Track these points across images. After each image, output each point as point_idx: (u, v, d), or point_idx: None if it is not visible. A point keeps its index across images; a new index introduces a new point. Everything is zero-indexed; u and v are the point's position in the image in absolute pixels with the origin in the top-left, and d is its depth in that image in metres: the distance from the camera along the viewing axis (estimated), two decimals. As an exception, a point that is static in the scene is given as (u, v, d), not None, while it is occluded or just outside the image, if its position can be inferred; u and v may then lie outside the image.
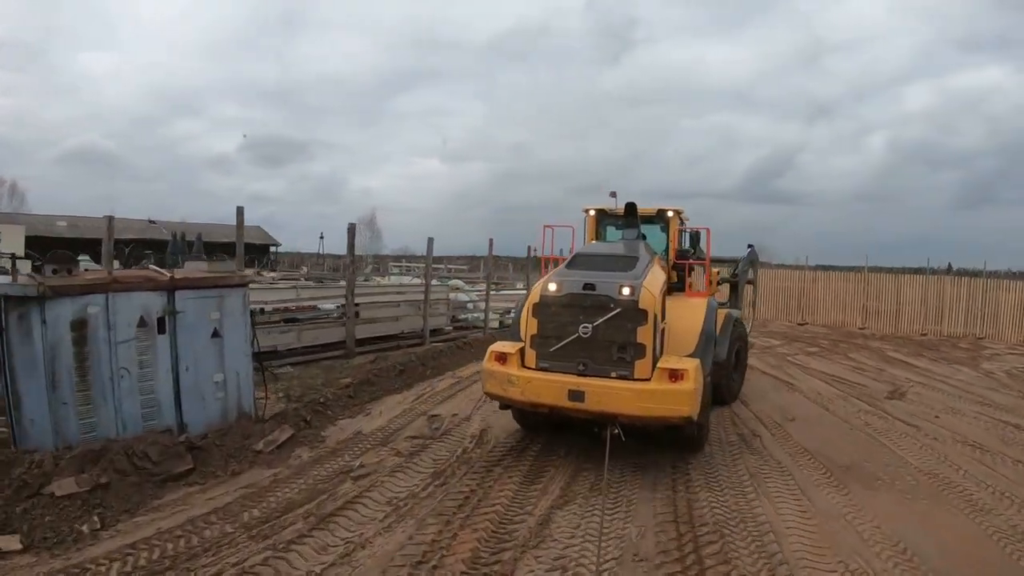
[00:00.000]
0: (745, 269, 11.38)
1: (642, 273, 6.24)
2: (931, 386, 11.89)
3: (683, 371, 5.75)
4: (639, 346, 5.88)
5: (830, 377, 12.19)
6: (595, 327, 5.89)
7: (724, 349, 8.43)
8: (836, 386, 11.38)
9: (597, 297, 5.96)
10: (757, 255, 12.27)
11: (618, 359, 5.92)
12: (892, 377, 12.61)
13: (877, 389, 11.24)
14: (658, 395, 5.71)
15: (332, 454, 6.98)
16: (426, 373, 11.44)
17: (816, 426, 8.49)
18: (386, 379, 10.47)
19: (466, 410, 8.85)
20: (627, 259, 6.59)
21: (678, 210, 8.81)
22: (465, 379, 11.12)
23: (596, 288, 5.99)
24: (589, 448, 6.93)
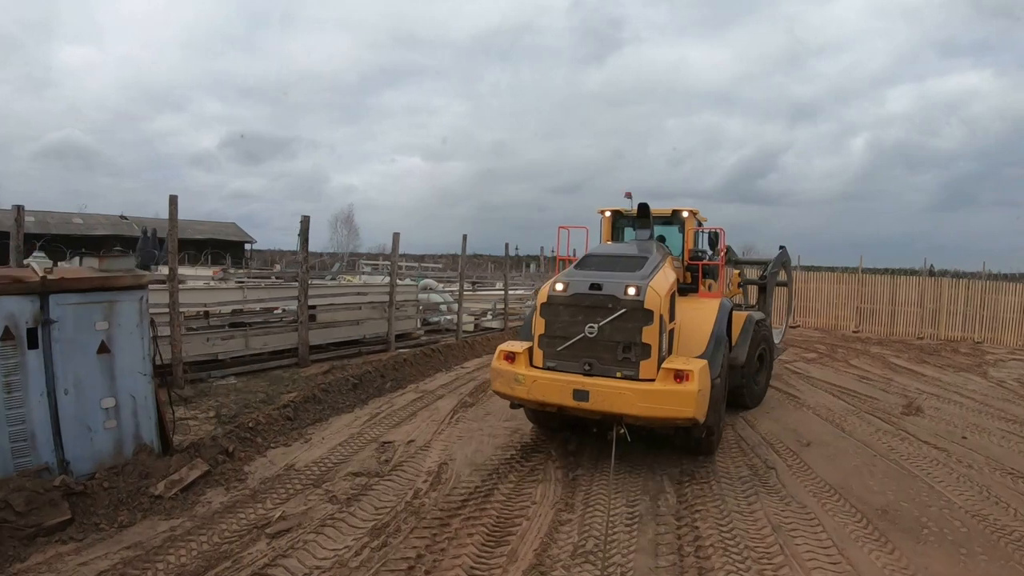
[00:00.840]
0: (775, 271, 11.00)
1: (649, 273, 6.17)
2: (945, 398, 10.76)
3: (688, 372, 5.65)
4: (644, 346, 5.82)
5: (836, 388, 11.01)
6: (601, 327, 5.90)
7: (744, 352, 8.23)
8: (845, 399, 10.19)
9: (603, 297, 5.96)
10: (789, 257, 11.88)
11: (623, 359, 5.87)
12: (902, 388, 11.47)
13: (890, 403, 10.07)
14: (662, 396, 5.62)
15: (251, 498, 5.62)
16: (385, 386, 10.05)
17: (836, 453, 7.25)
18: (336, 394, 9.08)
19: (425, 435, 7.49)
20: (636, 259, 6.53)
21: (693, 211, 8.52)
22: (429, 393, 9.75)
23: (602, 288, 5.99)
24: (571, 487, 5.65)
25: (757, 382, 9.07)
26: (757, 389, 9.13)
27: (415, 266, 29.83)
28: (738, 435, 7.78)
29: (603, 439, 6.77)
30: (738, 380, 8.32)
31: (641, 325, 5.86)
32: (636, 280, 6.03)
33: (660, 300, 5.94)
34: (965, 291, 19.69)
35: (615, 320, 5.90)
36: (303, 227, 11.74)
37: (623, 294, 5.90)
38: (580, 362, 6.03)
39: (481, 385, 10.45)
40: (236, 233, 51.53)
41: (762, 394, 9.35)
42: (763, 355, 9.26)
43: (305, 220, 11.62)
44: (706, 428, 6.18)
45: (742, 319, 8.54)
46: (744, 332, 8.41)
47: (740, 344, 8.28)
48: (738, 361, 8.15)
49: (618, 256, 6.81)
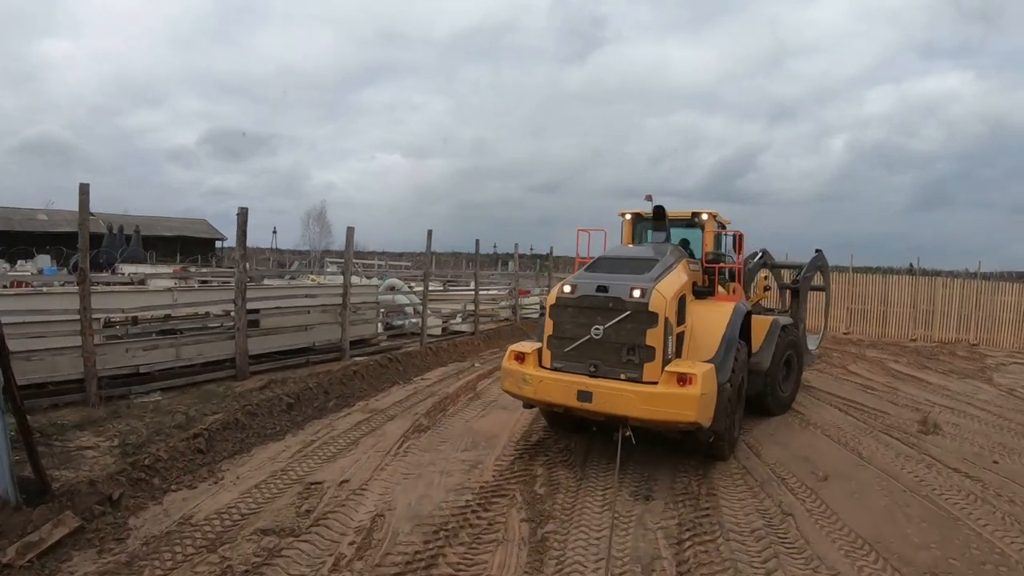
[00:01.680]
0: (809, 275, 10.68)
1: (657, 276, 6.18)
2: (960, 411, 9.68)
3: (691, 376, 5.58)
4: (648, 348, 5.80)
5: (841, 401, 9.86)
6: (606, 329, 5.91)
7: (767, 357, 8.08)
8: (853, 415, 9.03)
9: (609, 299, 5.97)
10: (825, 260, 11.45)
11: (627, 361, 5.86)
12: (910, 399, 10.37)
13: (903, 418, 8.94)
14: (665, 399, 5.58)
15: (126, 567, 4.25)
16: (328, 404, 8.67)
17: (860, 489, 6.04)
18: (266, 417, 7.69)
19: (363, 472, 6.14)
20: (646, 262, 6.55)
21: (713, 213, 8.29)
22: (379, 413, 8.38)
23: (608, 290, 6.00)
24: (539, 550, 4.35)
25: (784, 389, 8.75)
26: (784, 396, 8.78)
27: (382, 264, 28.34)
28: (743, 466, 6.54)
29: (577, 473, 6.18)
30: (760, 386, 8.07)
31: (645, 327, 5.83)
32: (642, 282, 6.03)
33: (666, 303, 5.89)
34: (960, 291, 18.76)
35: (620, 322, 5.89)
36: (240, 220, 10.30)
37: (628, 296, 5.90)
38: (586, 363, 6.03)
39: (442, 401, 9.12)
40: (207, 230, 50.01)
41: (789, 402, 8.99)
42: (791, 361, 8.94)
43: (242, 212, 10.19)
44: (714, 433, 6.07)
45: (766, 324, 8.37)
46: (769, 337, 8.24)
47: (763, 349, 8.11)
48: (761, 367, 7.94)
49: (630, 259, 6.84)
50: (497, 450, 6.88)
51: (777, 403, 8.58)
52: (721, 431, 6.18)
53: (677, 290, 6.25)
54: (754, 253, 10.53)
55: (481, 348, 14.19)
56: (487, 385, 10.31)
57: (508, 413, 8.46)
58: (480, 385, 10.31)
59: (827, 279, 11.78)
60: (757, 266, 10.41)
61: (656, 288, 5.96)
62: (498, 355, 13.48)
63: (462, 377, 11.06)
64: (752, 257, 10.35)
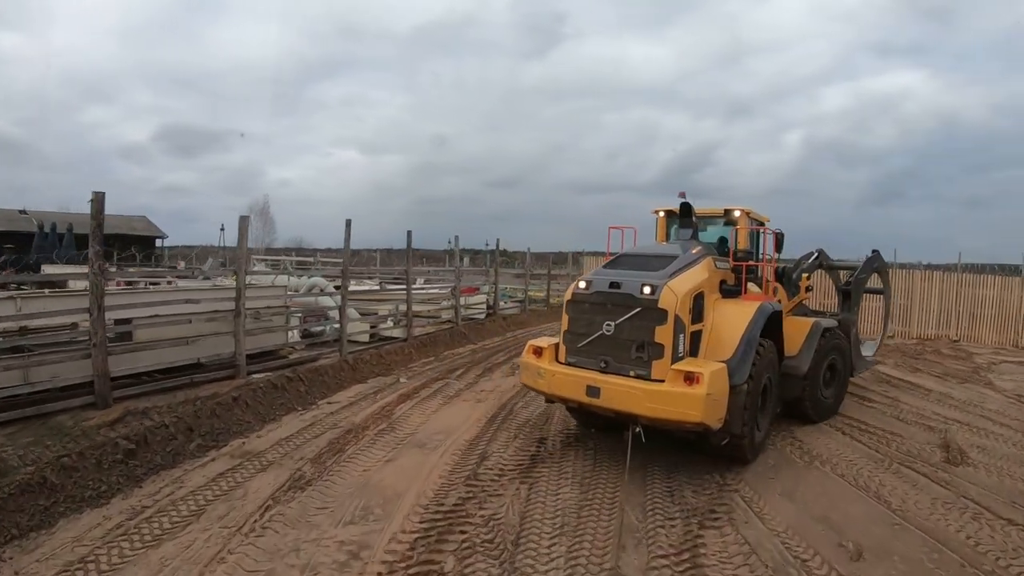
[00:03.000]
0: (863, 276, 10.05)
1: (672, 273, 6.14)
2: (977, 428, 8.11)
3: (698, 374, 5.45)
4: (657, 346, 5.75)
5: (842, 421, 8.18)
6: (618, 325, 5.92)
7: (806, 361, 7.72)
8: (861, 439, 7.34)
9: (621, 295, 5.98)
10: (884, 261, 10.82)
11: (636, 358, 5.82)
12: (916, 412, 8.76)
13: (918, 441, 7.31)
14: (669, 397, 5.48)
15: None
16: (188, 447, 6.51)
17: (910, 573, 4.22)
18: (93, 469, 5.53)
19: (187, 570, 4.05)
20: (664, 259, 6.50)
21: (746, 210, 8.05)
22: (253, 459, 6.29)
23: (621, 287, 6.01)
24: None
25: (825, 395, 8.24)
26: (826, 403, 8.27)
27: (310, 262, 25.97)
28: (742, 538, 4.66)
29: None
30: (797, 391, 7.67)
31: (654, 324, 5.79)
32: (654, 279, 5.98)
33: (676, 300, 5.83)
34: (940, 284, 17.45)
35: (630, 319, 5.89)
36: (95, 207, 8.04)
37: (639, 293, 5.89)
38: (598, 359, 6.04)
39: (343, 437, 7.05)
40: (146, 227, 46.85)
41: (831, 409, 8.43)
42: (835, 366, 8.42)
43: (97, 198, 7.92)
44: (729, 435, 5.89)
45: (806, 326, 7.99)
46: (808, 340, 7.85)
47: (802, 353, 7.74)
48: (798, 371, 7.57)
49: (649, 255, 6.75)
50: (396, 521, 4.84)
51: (818, 409, 8.06)
52: (739, 433, 5.95)
53: (691, 288, 6.10)
54: (809, 253, 9.98)
55: (412, 358, 12.12)
56: (408, 409, 8.28)
57: (424, 453, 6.49)
58: (399, 410, 8.25)
59: (886, 281, 11.12)
60: (812, 266, 9.85)
61: (667, 285, 5.88)
62: (431, 366, 11.49)
63: (380, 398, 8.99)
64: (806, 257, 9.90)
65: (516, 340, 15.17)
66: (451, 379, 10.28)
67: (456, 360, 12.15)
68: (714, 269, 6.81)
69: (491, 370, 11.15)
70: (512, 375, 10.58)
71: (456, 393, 9.27)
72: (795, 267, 9.53)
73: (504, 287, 21.64)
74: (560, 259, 27.76)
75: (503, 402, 8.71)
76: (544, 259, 27.76)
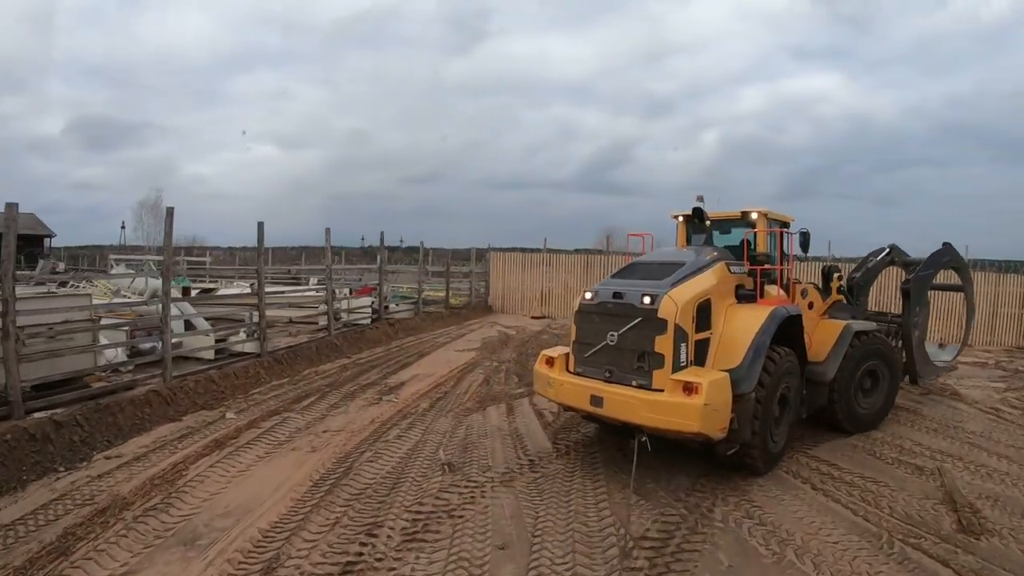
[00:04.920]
0: (926, 274, 9.04)
1: (675, 281, 6.01)
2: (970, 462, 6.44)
3: (696, 385, 5.35)
4: (657, 356, 5.68)
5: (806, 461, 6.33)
6: (621, 335, 5.88)
7: (833, 367, 7.29)
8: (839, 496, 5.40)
9: (623, 305, 5.96)
10: (957, 255, 9.57)
11: (637, 368, 5.77)
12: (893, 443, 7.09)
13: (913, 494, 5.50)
14: (668, 407, 5.40)
15: None
16: None
17: None
18: None
19: None
20: (671, 266, 6.35)
21: (763, 211, 7.39)
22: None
23: (623, 297, 5.99)
24: None
25: (863, 405, 7.69)
26: (862, 413, 7.66)
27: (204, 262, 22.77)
28: None
29: None
30: (825, 400, 7.33)
31: (654, 334, 5.69)
32: (655, 288, 5.88)
33: (676, 309, 5.71)
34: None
35: (632, 328, 5.81)
36: None
37: (639, 303, 5.82)
38: (602, 369, 5.98)
39: (92, 520, 4.62)
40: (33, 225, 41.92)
41: (871, 420, 7.76)
42: (876, 373, 7.84)
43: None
44: (740, 445, 5.73)
45: (835, 329, 7.67)
46: (837, 345, 7.51)
47: (830, 359, 7.42)
48: (823, 377, 7.27)
49: (657, 263, 6.60)
50: None
51: (852, 420, 7.50)
52: (749, 443, 5.79)
53: (694, 296, 5.95)
54: (879, 249, 9.30)
55: (260, 380, 9.61)
56: (207, 468, 5.76)
57: (184, 562, 4.13)
58: (195, 469, 5.74)
59: (966, 278, 9.87)
60: (881, 264, 9.22)
61: (668, 295, 5.76)
62: (278, 392, 8.98)
63: (182, 446, 6.47)
64: (875, 253, 9.29)
65: (402, 350, 12.77)
66: (293, 412, 7.87)
67: (315, 382, 9.70)
68: (727, 274, 6.54)
69: (352, 396, 8.74)
70: (376, 404, 8.29)
71: (288, 437, 6.85)
72: (860, 265, 9.10)
73: (398, 287, 19.29)
74: (460, 256, 25.42)
75: (346, 451, 6.30)
76: (458, 255, 25.56)
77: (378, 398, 8.60)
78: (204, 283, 20.19)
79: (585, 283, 21.08)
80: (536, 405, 8.31)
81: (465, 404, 8.36)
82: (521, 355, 12.54)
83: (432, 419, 7.59)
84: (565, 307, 21.23)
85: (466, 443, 6.69)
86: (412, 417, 7.64)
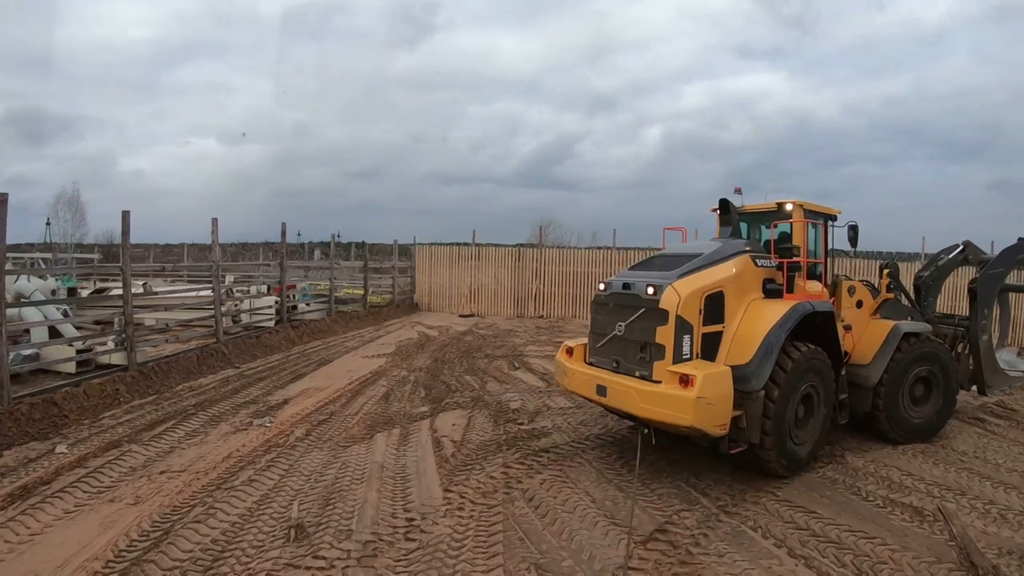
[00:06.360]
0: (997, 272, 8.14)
1: (682, 273, 5.90)
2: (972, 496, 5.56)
3: (692, 377, 5.25)
4: (658, 347, 5.62)
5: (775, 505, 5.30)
6: (627, 326, 5.88)
7: (877, 371, 6.90)
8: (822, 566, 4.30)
9: (630, 296, 5.95)
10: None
11: (640, 359, 5.76)
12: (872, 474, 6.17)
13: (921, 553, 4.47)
14: (662, 399, 5.35)
15: None
16: None
17: None
18: None
19: None
20: (683, 258, 6.24)
21: (799, 202, 7.03)
22: None
23: (631, 288, 5.98)
24: None
25: (912, 414, 7.17)
26: (912, 422, 7.13)
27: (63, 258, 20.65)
28: None
29: None
30: (867, 405, 6.90)
31: (655, 325, 5.62)
32: (660, 280, 5.82)
33: (678, 301, 5.59)
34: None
35: (636, 319, 5.78)
36: None
37: (644, 294, 5.76)
38: (611, 359, 6.02)
39: None
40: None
41: (923, 431, 7.20)
42: (930, 379, 7.29)
43: None
44: (746, 444, 5.60)
45: (883, 330, 7.13)
46: (884, 347, 6.99)
47: (875, 361, 6.93)
48: (868, 381, 6.85)
49: (674, 256, 6.49)
50: None
51: (899, 428, 7.06)
52: (759, 442, 5.60)
53: (701, 288, 5.75)
54: (952, 246, 8.64)
55: (120, 399, 8.10)
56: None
57: None
58: None
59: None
60: (953, 262, 8.59)
61: (671, 286, 5.67)
62: (138, 413, 7.55)
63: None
64: (948, 251, 8.66)
65: (302, 358, 11.38)
66: (139, 443, 6.50)
67: (184, 400, 8.27)
68: (752, 267, 6.29)
69: (220, 419, 7.36)
70: (244, 430, 6.91)
71: (115, 481, 5.44)
72: (929, 263, 8.67)
73: (307, 284, 17.75)
74: (380, 251, 23.96)
75: (176, 503, 4.97)
76: (374, 250, 24.14)
77: (249, 422, 7.28)
78: (96, 284, 18.33)
79: (517, 277, 20.07)
80: (436, 431, 7.09)
81: (351, 430, 7.03)
82: (437, 362, 11.37)
83: (302, 453, 6.23)
84: (496, 304, 20.16)
85: (332, 491, 5.32)
86: (279, 450, 6.28)
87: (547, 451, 6.52)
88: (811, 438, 6.13)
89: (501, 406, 8.26)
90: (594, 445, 6.78)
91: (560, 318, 19.24)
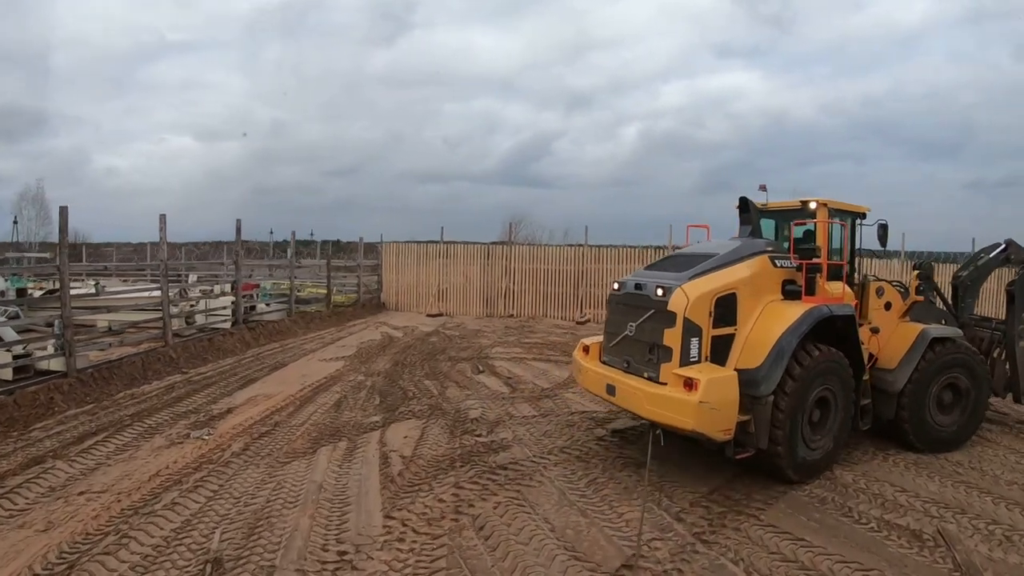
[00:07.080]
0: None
1: (693, 274, 5.85)
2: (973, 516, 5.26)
3: (696, 381, 5.23)
4: (666, 349, 5.62)
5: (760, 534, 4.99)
6: (638, 326, 5.90)
7: (902, 376, 6.68)
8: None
9: (641, 297, 5.97)
10: None
11: (648, 360, 5.79)
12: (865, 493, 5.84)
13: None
14: (666, 401, 5.37)
15: None
16: None
17: None
18: None
19: None
20: (698, 258, 6.19)
21: (823, 201, 6.80)
22: None
23: (643, 288, 5.98)
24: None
25: (939, 422, 6.87)
26: (938, 432, 6.86)
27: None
28: None
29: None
30: (891, 412, 6.70)
31: (663, 327, 5.63)
32: (671, 281, 5.81)
33: (687, 303, 5.57)
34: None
35: (646, 320, 5.82)
36: None
37: (653, 295, 5.79)
38: (622, 358, 6.08)
39: None
40: None
41: (952, 440, 6.93)
42: (959, 387, 6.95)
43: None
44: (754, 450, 5.53)
45: (910, 334, 6.88)
46: (910, 352, 6.76)
47: (901, 367, 6.72)
48: (893, 387, 6.66)
49: (689, 255, 6.50)
50: None
51: (924, 437, 6.82)
52: (768, 448, 5.55)
53: (712, 289, 5.70)
54: (994, 244, 8.14)
55: (54, 408, 7.54)
56: None
57: None
58: None
59: None
60: (994, 262, 8.05)
61: (681, 287, 5.64)
62: (71, 424, 7.05)
63: None
64: (988, 250, 8.14)
65: (256, 361, 10.95)
66: (65, 459, 6.07)
67: (123, 409, 7.81)
68: (769, 268, 6.20)
69: (156, 431, 6.94)
70: (179, 444, 6.49)
71: (29, 504, 4.95)
72: (968, 263, 8.23)
73: (270, 283, 17.30)
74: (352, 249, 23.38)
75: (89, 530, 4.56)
76: (347, 248, 23.65)
77: (186, 434, 6.89)
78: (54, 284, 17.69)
79: (487, 275, 19.75)
80: (385, 444, 6.71)
81: (293, 443, 6.63)
82: (397, 365, 11.04)
83: (236, 471, 5.81)
84: (464, 303, 19.82)
85: (261, 517, 4.88)
86: (211, 467, 5.87)
87: (505, 468, 6.07)
88: (827, 444, 6.02)
89: (459, 415, 7.93)
90: (557, 460, 6.35)
91: (531, 317, 18.96)
